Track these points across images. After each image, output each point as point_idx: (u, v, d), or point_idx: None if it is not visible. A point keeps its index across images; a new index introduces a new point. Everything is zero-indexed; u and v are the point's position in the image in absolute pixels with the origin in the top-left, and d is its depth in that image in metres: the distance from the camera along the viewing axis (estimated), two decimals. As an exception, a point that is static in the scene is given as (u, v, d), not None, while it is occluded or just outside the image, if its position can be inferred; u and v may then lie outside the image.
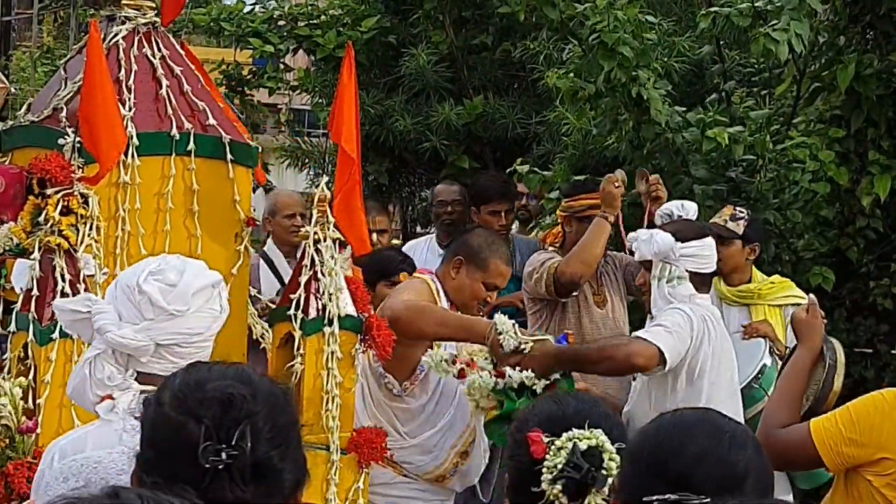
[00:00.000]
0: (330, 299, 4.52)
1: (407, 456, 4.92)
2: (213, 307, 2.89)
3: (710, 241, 4.81)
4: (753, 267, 5.84)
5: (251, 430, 1.97)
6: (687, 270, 4.72)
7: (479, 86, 8.54)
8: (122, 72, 4.40)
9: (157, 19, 4.57)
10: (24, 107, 4.61)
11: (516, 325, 4.67)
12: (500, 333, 4.57)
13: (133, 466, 2.08)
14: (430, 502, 5.01)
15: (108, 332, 2.82)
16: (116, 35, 4.45)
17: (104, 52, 4.26)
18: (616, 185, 5.72)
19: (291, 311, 4.48)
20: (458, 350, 4.99)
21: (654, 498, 2.00)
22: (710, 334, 4.66)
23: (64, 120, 4.34)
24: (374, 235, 5.58)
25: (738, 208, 5.77)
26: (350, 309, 4.61)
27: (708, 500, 1.98)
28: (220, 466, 1.94)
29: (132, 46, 4.46)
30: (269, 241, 6.73)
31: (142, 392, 2.80)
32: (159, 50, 4.51)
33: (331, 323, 4.49)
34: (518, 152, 7.96)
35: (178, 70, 4.52)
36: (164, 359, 2.84)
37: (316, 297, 4.51)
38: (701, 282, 4.78)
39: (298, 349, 4.47)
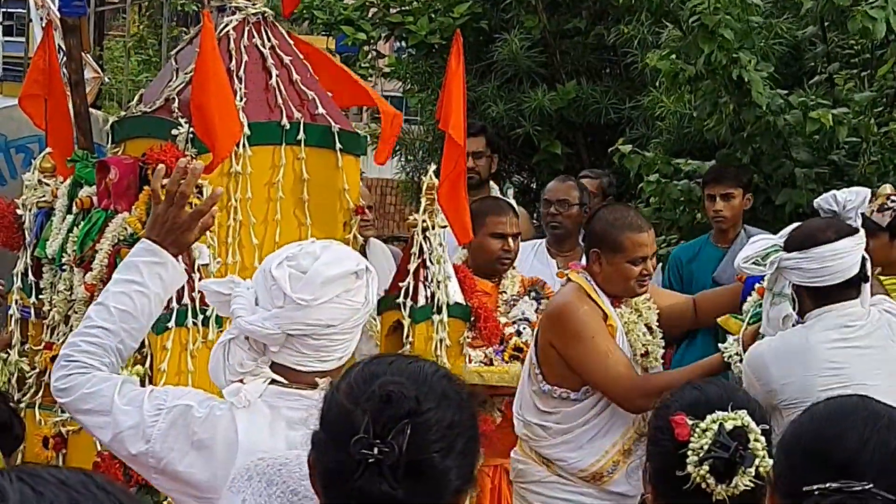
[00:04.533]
0: (438, 287, 4.53)
1: (556, 452, 4.55)
2: (353, 298, 2.74)
3: (820, 251, 4.19)
4: None
5: (412, 429, 1.95)
6: (795, 283, 4.27)
7: (571, 71, 8.49)
8: (233, 62, 4.43)
9: (266, 10, 4.59)
10: (136, 97, 4.66)
11: (738, 341, 4.36)
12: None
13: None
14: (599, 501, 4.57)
15: (238, 318, 2.73)
16: (227, 26, 4.48)
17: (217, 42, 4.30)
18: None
19: (400, 300, 4.51)
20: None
21: (815, 487, 1.98)
22: (800, 368, 4.17)
23: (176, 110, 4.37)
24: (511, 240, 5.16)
25: (892, 197, 5.22)
26: (458, 297, 4.63)
27: (870, 486, 1.96)
28: (371, 460, 1.94)
29: (242, 37, 4.49)
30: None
31: (273, 381, 2.75)
32: (269, 40, 4.53)
33: (440, 311, 4.51)
34: (611, 137, 7.91)
35: (287, 60, 4.54)
36: (297, 350, 2.74)
37: (425, 285, 4.52)
38: (821, 295, 4.23)
39: (408, 337, 4.50)
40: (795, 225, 4.45)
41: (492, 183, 6.98)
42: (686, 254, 6.36)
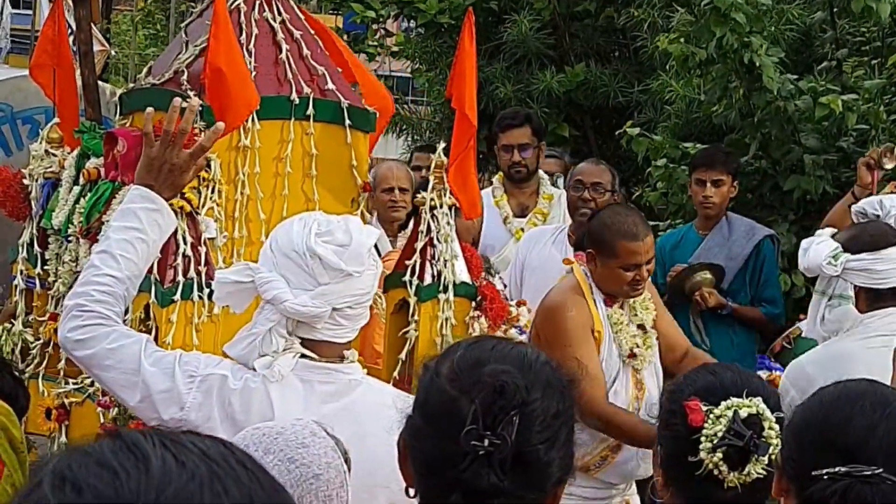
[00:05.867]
0: (445, 266, 4.51)
1: None
2: (375, 262, 2.83)
3: (891, 252, 4.15)
4: None
5: (520, 419, 1.91)
6: (857, 285, 4.20)
7: (580, 53, 8.47)
8: (243, 35, 4.39)
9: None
10: (145, 69, 4.63)
11: None
12: None
13: (401, 427, 2.06)
14: (585, 489, 4.57)
15: (285, 302, 2.73)
16: (238, -1, 4.46)
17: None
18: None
19: (406, 278, 4.48)
20: None
21: (824, 471, 1.97)
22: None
23: (185, 83, 4.34)
24: None
25: None
26: (465, 276, 4.60)
27: (880, 470, 1.95)
28: (481, 452, 1.90)
29: (253, 10, 4.46)
30: (374, 218, 5.90)
31: (303, 356, 2.77)
32: (279, 14, 4.50)
33: (446, 289, 4.48)
34: (619, 120, 7.89)
35: (297, 34, 4.51)
36: (338, 323, 2.77)
37: (431, 264, 4.50)
38: (876, 297, 4.17)
39: (413, 315, 4.47)
40: (852, 230, 4.39)
41: (541, 172, 6.50)
42: (670, 241, 6.26)
